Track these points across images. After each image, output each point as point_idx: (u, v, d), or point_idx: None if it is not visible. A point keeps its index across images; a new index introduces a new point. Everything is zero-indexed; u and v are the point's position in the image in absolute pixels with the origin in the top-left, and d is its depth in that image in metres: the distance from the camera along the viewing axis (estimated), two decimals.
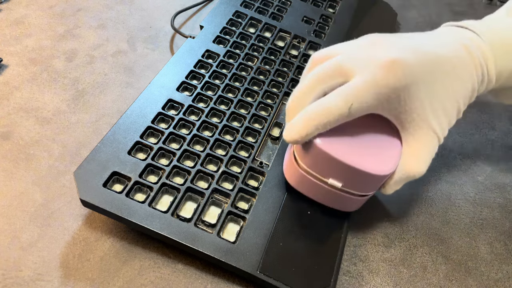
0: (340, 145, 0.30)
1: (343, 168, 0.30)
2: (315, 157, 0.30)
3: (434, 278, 0.34)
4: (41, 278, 0.30)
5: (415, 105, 0.30)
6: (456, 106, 0.32)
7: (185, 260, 0.32)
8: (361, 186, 0.31)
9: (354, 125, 0.31)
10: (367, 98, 0.29)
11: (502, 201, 0.40)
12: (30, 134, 0.39)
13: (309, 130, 0.29)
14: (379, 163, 0.30)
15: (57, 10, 0.52)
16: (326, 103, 0.29)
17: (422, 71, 0.29)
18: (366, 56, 0.30)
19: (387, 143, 0.32)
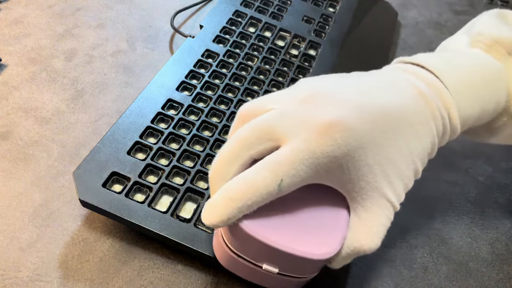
0: (270, 226, 0.25)
1: (276, 253, 0.25)
2: (242, 241, 0.26)
3: (435, 278, 0.34)
4: (40, 279, 0.30)
5: (362, 172, 0.25)
6: (413, 167, 0.27)
7: (185, 260, 0.32)
8: (301, 270, 0.27)
9: (290, 197, 0.26)
10: (300, 171, 0.24)
11: (503, 201, 0.40)
12: (29, 134, 0.39)
13: (231, 213, 0.24)
14: (319, 244, 0.25)
15: (56, 9, 0.52)
16: (250, 180, 0.24)
17: (369, 132, 0.25)
18: (301, 117, 0.25)
19: (330, 216, 0.27)
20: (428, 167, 0.42)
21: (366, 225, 0.26)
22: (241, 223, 0.25)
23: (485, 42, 0.31)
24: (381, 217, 0.26)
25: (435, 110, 0.27)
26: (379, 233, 0.26)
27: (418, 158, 0.27)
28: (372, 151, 0.25)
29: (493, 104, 0.30)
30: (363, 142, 0.25)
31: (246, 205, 0.24)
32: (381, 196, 0.26)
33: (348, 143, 0.24)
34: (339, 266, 0.28)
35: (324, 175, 0.25)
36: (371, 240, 0.26)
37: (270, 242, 0.24)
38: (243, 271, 0.28)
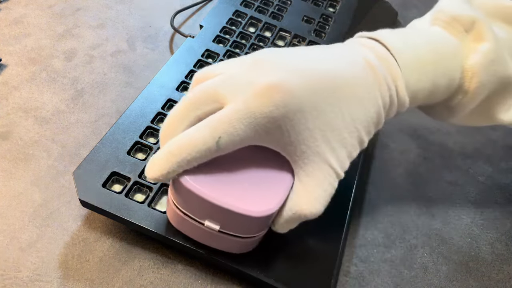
0: (211, 182, 0.26)
1: (215, 209, 0.26)
2: (184, 196, 0.27)
3: (435, 278, 0.34)
4: (40, 279, 0.30)
5: (302, 135, 0.25)
6: (357, 135, 0.27)
7: (185, 260, 0.32)
8: (241, 228, 0.27)
9: (235, 156, 0.27)
10: (239, 130, 0.25)
11: (503, 201, 0.40)
12: (29, 134, 0.39)
13: (171, 167, 0.25)
14: (256, 202, 0.26)
15: (56, 9, 0.52)
16: (190, 136, 0.25)
17: (309, 96, 0.25)
18: (244, 79, 0.26)
19: (273, 178, 0.27)
20: (428, 167, 0.42)
21: (307, 190, 0.27)
22: (181, 178, 0.26)
23: (444, 19, 0.31)
24: (323, 182, 0.27)
25: (382, 81, 0.27)
26: (320, 198, 0.27)
27: (362, 126, 0.27)
28: (312, 115, 0.25)
29: (445, 80, 0.30)
30: (302, 106, 0.25)
31: (186, 160, 0.25)
32: (323, 162, 0.26)
33: (286, 105, 0.25)
34: (283, 230, 0.29)
35: (264, 136, 0.26)
36: (312, 205, 0.27)
37: (208, 197, 0.25)
38: (190, 229, 0.29)
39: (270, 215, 0.27)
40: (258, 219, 0.26)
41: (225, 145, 0.25)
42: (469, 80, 0.30)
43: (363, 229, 0.36)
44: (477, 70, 0.29)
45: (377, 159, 0.42)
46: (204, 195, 0.25)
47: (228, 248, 0.29)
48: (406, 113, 0.47)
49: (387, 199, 0.39)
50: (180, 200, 0.27)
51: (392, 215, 0.38)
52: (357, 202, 0.38)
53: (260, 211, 0.26)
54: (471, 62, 0.30)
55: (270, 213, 0.26)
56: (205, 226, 0.27)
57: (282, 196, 0.27)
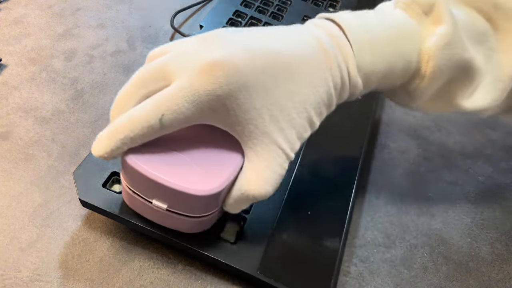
0: (156, 161, 0.26)
1: (159, 187, 0.26)
2: (131, 175, 0.27)
3: (435, 278, 0.34)
4: (40, 279, 0.30)
5: (250, 115, 0.25)
6: (306, 116, 0.27)
7: (185, 260, 0.32)
8: (188, 207, 0.27)
9: (185, 136, 0.27)
10: (183, 108, 0.24)
11: (503, 201, 0.40)
12: (29, 134, 0.39)
13: (115, 145, 0.25)
14: (202, 181, 0.26)
15: (56, 9, 0.52)
16: (134, 114, 0.25)
17: (255, 75, 0.25)
18: (191, 57, 0.25)
19: (223, 158, 0.27)
20: (428, 167, 0.42)
21: (256, 170, 0.26)
22: (126, 157, 0.26)
23: (404, 2, 0.30)
24: (272, 163, 0.26)
25: (333, 61, 0.27)
26: (269, 179, 0.26)
27: (312, 107, 0.27)
28: (259, 95, 0.25)
29: (401, 63, 0.29)
30: (248, 84, 0.25)
31: (129, 137, 0.25)
32: (272, 142, 0.26)
33: (230, 83, 0.24)
34: (233, 210, 0.29)
35: (210, 115, 0.25)
36: (260, 185, 0.26)
37: (153, 176, 0.25)
38: (141, 208, 0.29)
39: (215, 194, 0.26)
40: (203, 198, 0.26)
41: (169, 123, 0.25)
42: (426, 64, 0.29)
43: (363, 229, 0.36)
44: (433, 53, 0.28)
45: (377, 159, 0.42)
46: (148, 174, 0.25)
47: (181, 228, 0.29)
48: (406, 113, 0.47)
49: (387, 199, 0.39)
50: (128, 179, 0.27)
51: (392, 215, 0.38)
52: (357, 202, 0.38)
53: (204, 190, 0.26)
54: (427, 45, 0.29)
55: (214, 192, 0.26)
56: (153, 205, 0.27)
57: (229, 175, 0.27)
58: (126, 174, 0.27)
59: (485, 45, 0.31)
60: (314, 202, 0.34)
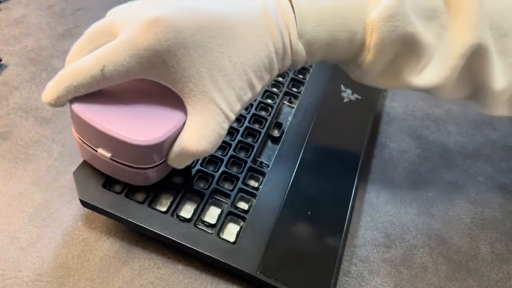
0: (101, 111, 0.27)
1: (101, 136, 0.27)
2: (78, 123, 0.28)
3: (434, 278, 0.34)
4: (40, 279, 0.30)
5: (188, 72, 0.26)
6: (246, 78, 0.28)
7: (185, 260, 0.32)
8: (130, 157, 0.28)
9: (133, 90, 0.29)
10: (123, 61, 0.26)
11: (503, 201, 0.40)
12: (30, 134, 0.39)
13: (60, 92, 0.27)
14: (142, 132, 0.27)
15: (56, 9, 0.52)
16: (78, 64, 0.26)
17: (194, 33, 0.26)
18: (135, 13, 0.27)
19: (167, 114, 0.28)
20: (428, 167, 0.42)
21: (196, 127, 0.28)
22: (72, 105, 0.27)
23: None
24: (210, 122, 0.28)
25: (274, 27, 0.28)
26: (208, 137, 0.28)
27: (251, 70, 0.28)
28: (197, 53, 0.26)
29: (345, 33, 0.29)
30: (186, 42, 0.26)
31: (73, 86, 0.27)
32: (210, 101, 0.27)
33: (168, 39, 0.25)
34: (176, 165, 0.30)
35: (151, 70, 0.26)
36: (198, 142, 0.28)
37: (94, 124, 0.27)
38: (90, 157, 0.31)
39: (154, 145, 0.27)
40: (142, 148, 0.27)
41: (109, 74, 0.26)
42: (370, 35, 0.29)
43: (363, 229, 0.36)
44: (376, 25, 0.29)
45: (377, 159, 0.42)
46: (92, 122, 0.27)
47: (128, 179, 0.31)
48: (406, 113, 0.47)
49: (387, 199, 0.39)
50: (76, 127, 0.29)
51: (392, 215, 0.38)
52: (357, 202, 0.38)
53: (143, 140, 0.27)
54: (371, 16, 0.29)
55: (154, 143, 0.27)
56: (98, 153, 0.29)
57: (170, 129, 0.28)
58: (74, 122, 0.29)
59: (436, 22, 0.31)
60: (314, 202, 0.34)
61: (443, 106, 0.49)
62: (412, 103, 0.48)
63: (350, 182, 0.36)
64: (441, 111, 0.48)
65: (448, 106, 0.49)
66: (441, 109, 0.48)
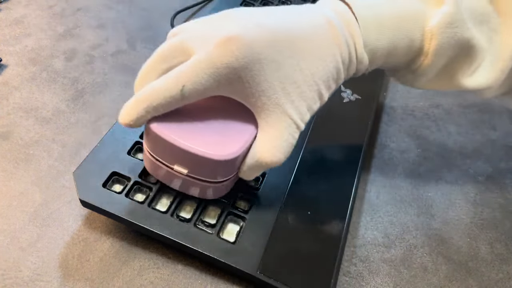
0: (178, 129, 0.28)
1: (181, 153, 0.28)
2: (154, 141, 0.29)
3: (434, 278, 0.34)
4: (40, 279, 0.30)
5: (262, 87, 0.27)
6: (316, 89, 0.29)
7: (185, 260, 0.32)
8: (206, 172, 0.29)
9: (205, 107, 0.30)
10: (202, 79, 0.26)
11: (502, 201, 0.40)
12: (30, 134, 0.39)
13: (139, 113, 0.27)
14: (220, 147, 0.28)
15: (56, 9, 0.52)
16: (156, 85, 0.27)
17: (268, 49, 0.27)
18: (208, 33, 0.27)
19: (239, 128, 0.29)
20: (428, 167, 0.42)
21: (269, 139, 0.29)
22: (151, 124, 0.28)
23: None
24: (283, 133, 0.28)
25: (341, 38, 0.29)
26: (281, 148, 0.29)
27: (321, 80, 0.29)
28: (271, 68, 0.27)
29: (405, 41, 0.30)
30: (260, 57, 0.27)
31: (152, 107, 0.27)
32: (283, 113, 0.28)
33: (245, 56, 0.26)
34: (248, 177, 0.31)
35: (227, 87, 0.27)
36: (272, 153, 0.29)
37: (175, 142, 0.28)
38: (163, 175, 0.31)
39: (232, 159, 0.28)
40: (221, 163, 0.28)
41: (189, 93, 0.27)
42: (429, 42, 0.30)
43: (363, 229, 0.36)
44: (435, 32, 0.30)
45: (377, 159, 0.42)
46: (171, 140, 0.28)
47: (198, 194, 0.32)
48: (406, 113, 0.47)
49: (387, 199, 0.39)
50: (152, 146, 0.30)
51: (392, 215, 0.38)
52: (357, 202, 0.38)
53: (222, 155, 0.28)
54: (431, 24, 0.30)
55: (232, 157, 0.28)
56: (174, 170, 0.29)
57: (244, 143, 0.29)
58: (150, 141, 0.29)
59: (487, 26, 0.32)
60: (314, 202, 0.34)
61: (443, 106, 0.49)
62: (412, 103, 0.48)
63: (350, 182, 0.36)
64: (441, 111, 0.48)
65: (448, 106, 0.49)
66: (441, 109, 0.48)
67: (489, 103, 0.50)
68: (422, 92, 0.50)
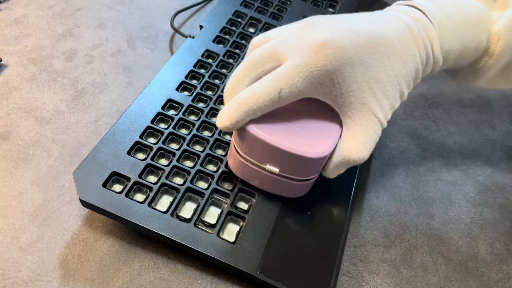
0: (272, 130, 0.30)
1: (275, 152, 0.30)
2: (249, 143, 0.31)
3: (434, 278, 0.34)
4: (40, 279, 0.30)
5: (351, 88, 0.29)
6: (398, 88, 0.31)
7: (185, 260, 0.32)
8: (297, 170, 0.31)
9: (292, 109, 0.31)
10: (297, 82, 0.28)
11: (502, 201, 0.40)
12: (30, 134, 0.39)
13: (239, 116, 0.29)
14: (311, 146, 0.30)
15: (56, 9, 0.52)
16: (255, 89, 0.29)
17: (357, 52, 0.28)
18: (300, 39, 0.29)
19: (325, 127, 0.31)
20: (427, 167, 0.42)
21: (355, 137, 0.30)
22: (247, 127, 0.30)
23: None
24: (369, 130, 0.30)
25: (419, 39, 0.31)
26: (367, 144, 0.30)
27: (403, 80, 0.30)
28: (360, 69, 0.29)
29: (474, 43, 0.33)
30: (352, 60, 0.28)
31: (252, 110, 0.29)
32: (369, 112, 0.30)
33: (338, 59, 0.28)
34: (332, 175, 0.33)
35: (319, 89, 0.29)
36: (359, 150, 0.30)
37: (270, 141, 0.29)
38: (251, 175, 0.33)
39: (323, 157, 0.30)
40: (313, 161, 0.30)
41: (285, 96, 0.29)
42: (495, 43, 0.33)
43: (363, 229, 0.36)
44: (502, 34, 0.32)
45: (377, 159, 0.42)
46: (268, 140, 0.29)
47: (284, 192, 0.34)
48: (406, 113, 0.47)
49: (387, 199, 0.39)
50: (244, 147, 0.31)
51: (392, 215, 0.38)
52: (357, 202, 0.38)
53: (315, 153, 0.30)
54: (497, 26, 0.33)
55: (323, 155, 0.30)
56: (266, 169, 0.31)
57: (333, 141, 0.31)
58: (244, 143, 0.31)
59: None
60: (314, 202, 0.34)
61: (443, 106, 0.49)
62: (412, 103, 0.49)
63: (350, 182, 0.36)
64: (441, 111, 0.48)
65: (448, 106, 0.49)
66: (441, 109, 0.48)
67: (489, 103, 0.50)
68: (422, 92, 0.50)
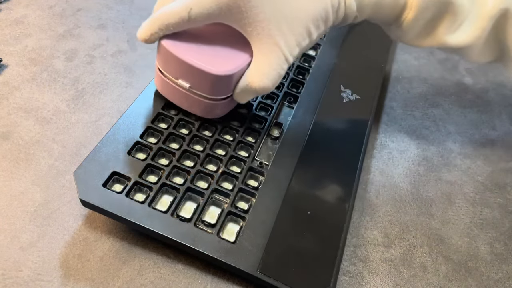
0: (185, 47, 0.33)
1: (184, 67, 0.33)
2: (163, 56, 0.34)
3: (434, 278, 0.34)
4: (40, 278, 0.30)
5: (258, 18, 0.31)
6: (305, 26, 0.32)
7: (185, 260, 0.32)
8: (205, 87, 0.34)
9: (211, 33, 0.35)
10: (206, 5, 0.31)
11: (502, 201, 0.40)
12: (30, 134, 0.39)
13: (153, 30, 0.33)
14: (217, 65, 0.33)
15: (57, 10, 0.52)
16: (170, 6, 0.32)
17: None
18: None
19: (236, 53, 0.34)
20: (427, 167, 0.42)
21: (259, 66, 0.33)
22: (162, 41, 0.34)
23: None
24: (273, 62, 0.33)
25: None
26: (269, 75, 0.33)
27: (310, 18, 0.32)
28: (267, 2, 0.31)
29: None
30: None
31: (164, 25, 0.33)
32: (274, 44, 0.32)
33: None
34: (241, 100, 0.36)
35: (228, 15, 0.32)
36: (261, 79, 0.33)
37: (180, 56, 0.33)
38: (169, 91, 0.36)
39: (226, 76, 0.33)
40: (217, 77, 0.33)
41: (195, 16, 0.32)
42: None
43: (363, 229, 0.36)
44: None
45: (377, 159, 0.42)
46: (177, 54, 0.33)
47: (199, 111, 0.37)
48: (406, 113, 0.47)
49: (387, 199, 0.39)
50: (162, 63, 0.35)
51: (392, 214, 0.38)
52: (357, 202, 0.38)
53: (218, 70, 0.33)
54: None
55: (226, 74, 0.33)
56: (178, 84, 0.34)
57: (239, 64, 0.33)
58: (160, 56, 0.35)
59: None
60: (314, 202, 0.34)
61: (443, 106, 0.49)
62: (412, 103, 0.49)
63: (350, 181, 0.37)
64: (441, 111, 0.48)
65: (448, 106, 0.49)
66: (441, 109, 0.48)
67: (489, 103, 0.50)
68: (422, 92, 0.50)
